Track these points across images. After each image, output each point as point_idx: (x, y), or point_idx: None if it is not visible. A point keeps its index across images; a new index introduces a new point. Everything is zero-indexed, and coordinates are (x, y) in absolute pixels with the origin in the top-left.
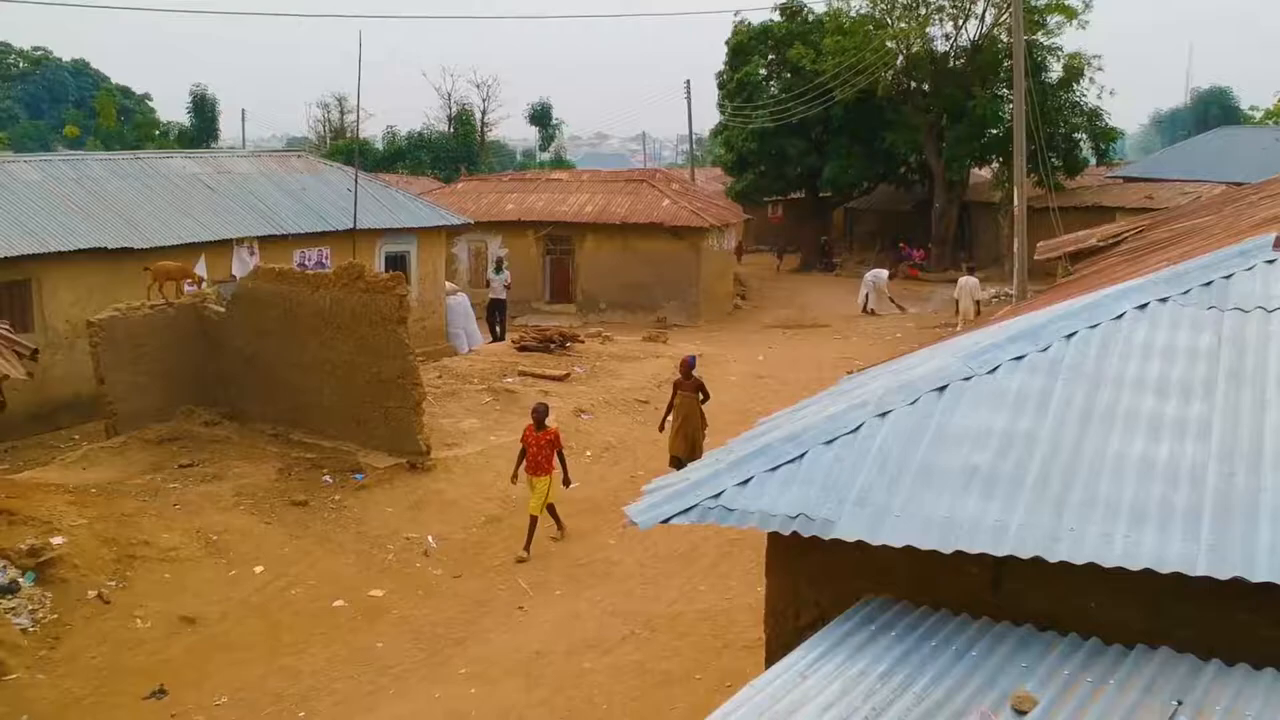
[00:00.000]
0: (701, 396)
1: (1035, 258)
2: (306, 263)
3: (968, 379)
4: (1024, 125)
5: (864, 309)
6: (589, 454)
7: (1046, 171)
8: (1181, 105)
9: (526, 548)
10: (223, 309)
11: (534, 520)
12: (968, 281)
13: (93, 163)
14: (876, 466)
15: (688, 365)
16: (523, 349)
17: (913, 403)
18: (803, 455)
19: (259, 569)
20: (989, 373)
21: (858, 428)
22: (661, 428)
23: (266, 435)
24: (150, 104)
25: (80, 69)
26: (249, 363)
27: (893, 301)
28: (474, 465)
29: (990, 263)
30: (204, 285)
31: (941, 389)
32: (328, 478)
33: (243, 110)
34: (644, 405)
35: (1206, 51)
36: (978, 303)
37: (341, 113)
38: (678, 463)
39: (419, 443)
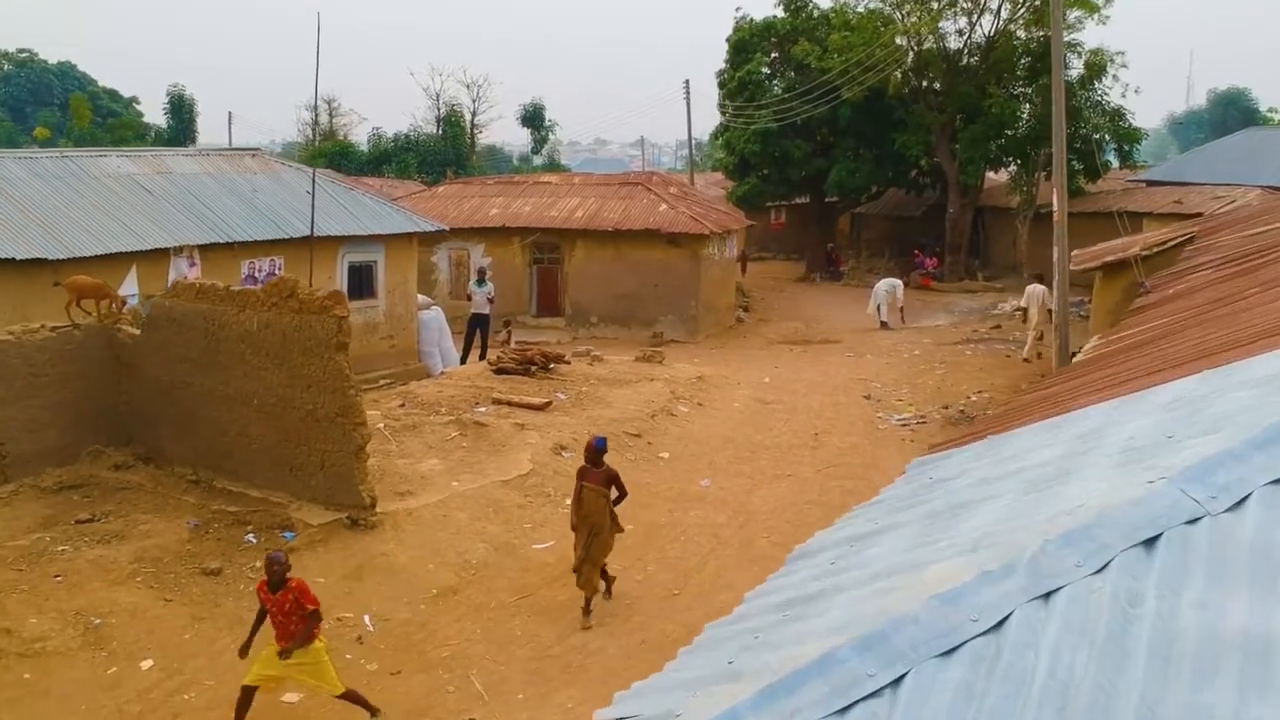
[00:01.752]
0: (614, 493)
1: (1071, 268)
2: (256, 274)
3: (1194, 522)
4: (1064, 122)
5: (881, 323)
6: (567, 502)
7: (1097, 160)
8: (1196, 108)
9: None
10: (138, 331)
11: (352, 696)
12: (1036, 289)
13: (10, 162)
14: (1051, 717)
15: (593, 449)
16: (500, 371)
17: (1100, 570)
18: (899, 681)
19: (147, 664)
20: (1231, 509)
21: (1001, 622)
22: (573, 525)
23: (186, 482)
24: (139, 107)
25: (66, 71)
26: (167, 395)
27: (878, 311)
28: (429, 520)
29: (1006, 271)
30: (129, 304)
31: (1150, 542)
32: (251, 536)
33: (229, 113)
34: (635, 440)
35: (1207, 55)
36: (1050, 311)
37: (330, 115)
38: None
39: (361, 494)
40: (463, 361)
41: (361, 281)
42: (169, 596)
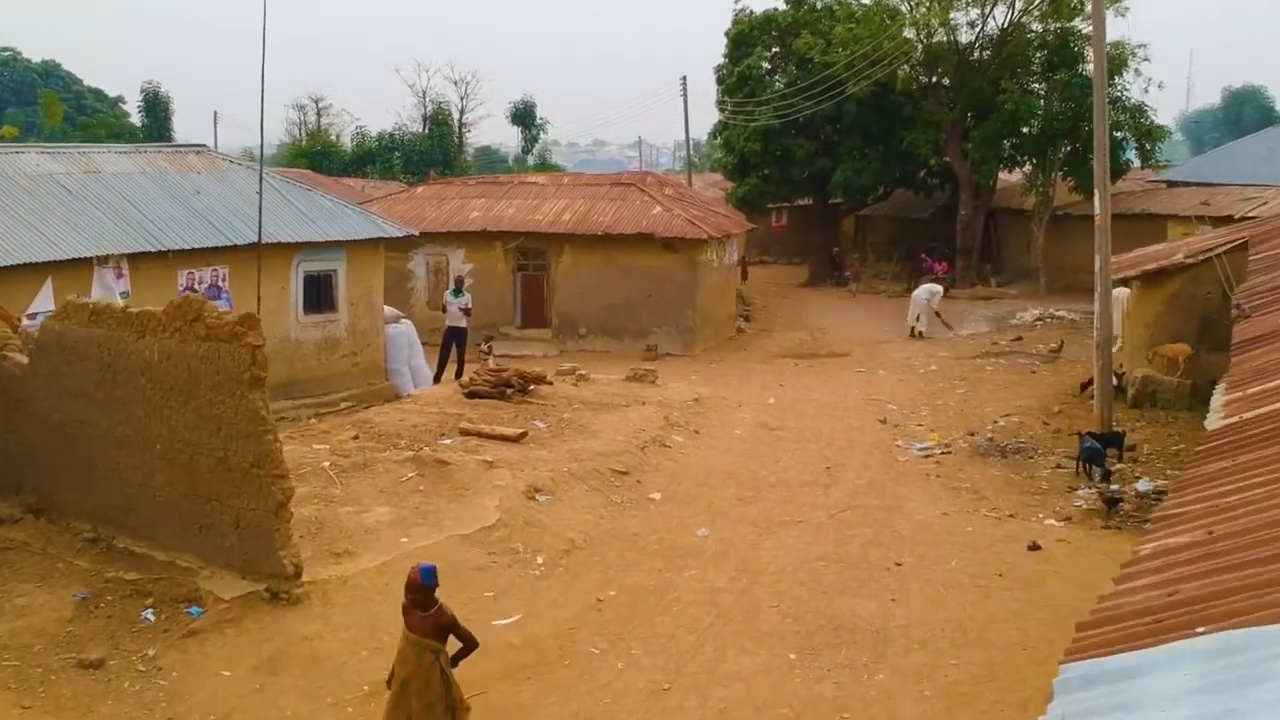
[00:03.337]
0: (455, 648)
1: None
2: (196, 285)
3: None
4: (1105, 115)
5: (912, 332)
6: (540, 561)
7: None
8: (1207, 106)
9: None
10: (26, 360)
11: None
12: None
13: None
14: None
15: (418, 584)
16: (472, 395)
17: None
18: None
19: None
20: None
21: None
22: (389, 684)
23: (82, 540)
24: (124, 107)
25: (50, 70)
26: (60, 436)
27: (939, 317)
28: (367, 592)
29: (1020, 276)
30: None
31: None
32: (149, 613)
33: (214, 112)
34: (622, 478)
35: (1207, 54)
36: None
37: (318, 114)
38: None
39: (282, 561)
40: (436, 379)
41: (320, 292)
42: (29, 701)
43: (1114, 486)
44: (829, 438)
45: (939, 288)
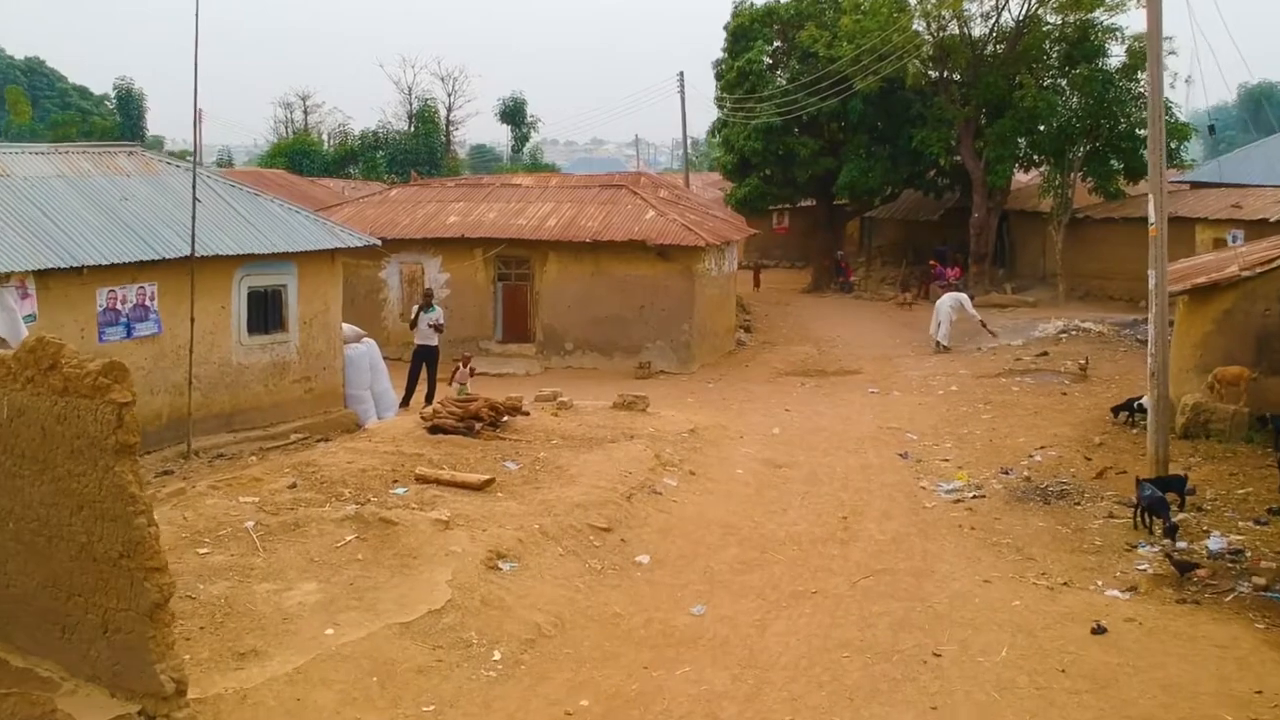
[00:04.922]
0: None
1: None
2: (120, 305)
3: None
4: (1161, 111)
5: (938, 346)
6: (497, 657)
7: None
8: (1220, 104)
9: None
10: None
11: None
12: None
13: None
14: None
15: None
16: (435, 430)
17: None
18: None
19: None
20: None
21: None
22: None
23: None
24: (111, 105)
25: (34, 67)
26: None
27: (984, 327)
28: (273, 711)
29: (1036, 282)
30: None
31: None
32: None
33: (200, 110)
34: (604, 537)
35: (1205, 55)
36: None
37: (305, 111)
38: None
39: (159, 677)
40: (405, 404)
41: (267, 310)
42: None
43: (1181, 544)
44: (844, 477)
45: (965, 296)
